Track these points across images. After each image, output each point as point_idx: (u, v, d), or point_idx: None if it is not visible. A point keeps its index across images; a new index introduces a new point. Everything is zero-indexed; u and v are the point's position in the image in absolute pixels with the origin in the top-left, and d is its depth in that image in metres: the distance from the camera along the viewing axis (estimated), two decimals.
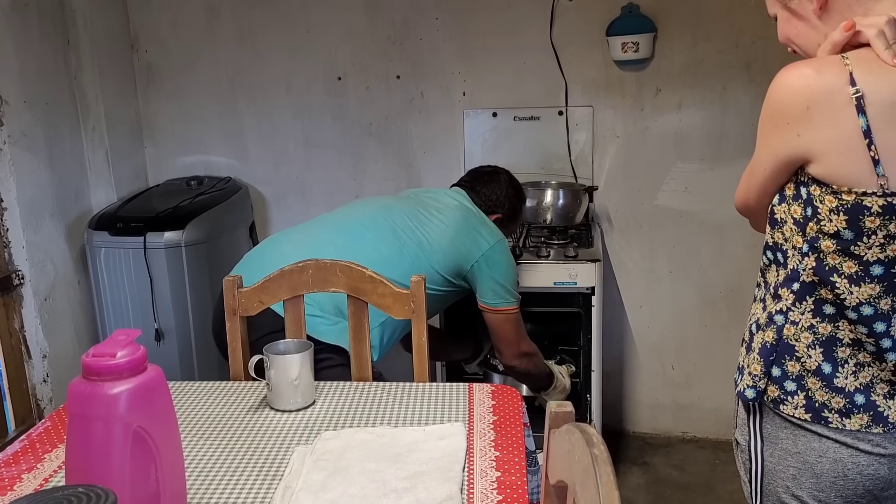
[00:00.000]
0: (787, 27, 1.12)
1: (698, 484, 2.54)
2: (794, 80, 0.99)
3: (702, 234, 2.66)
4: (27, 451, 1.19)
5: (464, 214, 1.94)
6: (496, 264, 1.91)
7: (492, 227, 1.97)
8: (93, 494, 0.67)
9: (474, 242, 1.90)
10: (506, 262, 1.95)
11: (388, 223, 1.86)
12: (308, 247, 1.71)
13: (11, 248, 2.32)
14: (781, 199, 1.06)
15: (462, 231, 1.90)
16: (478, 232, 1.91)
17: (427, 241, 1.86)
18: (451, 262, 1.87)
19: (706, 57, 2.52)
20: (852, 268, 1.00)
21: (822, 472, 1.07)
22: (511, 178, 2.13)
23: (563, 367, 2.26)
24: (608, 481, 0.75)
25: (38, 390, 2.41)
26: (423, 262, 1.82)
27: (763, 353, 1.10)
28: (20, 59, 2.32)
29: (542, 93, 2.63)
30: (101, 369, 0.84)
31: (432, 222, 1.90)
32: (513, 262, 1.99)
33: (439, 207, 1.95)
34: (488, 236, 1.92)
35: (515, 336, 1.96)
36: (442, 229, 1.89)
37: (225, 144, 2.86)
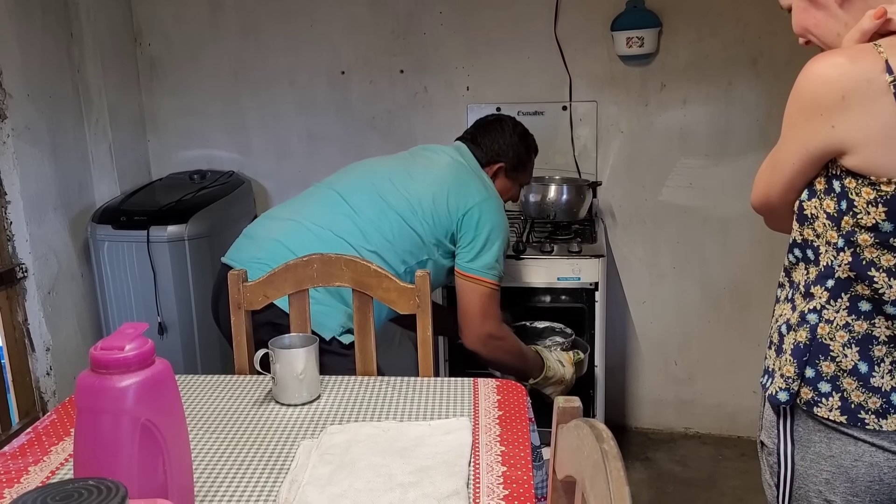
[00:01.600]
0: (803, 17, 1.09)
1: (701, 479, 2.55)
2: (827, 70, 0.96)
3: (706, 230, 2.65)
4: (33, 443, 1.19)
5: (453, 171, 1.81)
6: (482, 223, 1.75)
7: (486, 184, 1.82)
8: (103, 487, 0.67)
9: (461, 198, 1.75)
10: (494, 223, 1.76)
11: (372, 189, 1.76)
12: (291, 227, 1.74)
13: (15, 242, 2.32)
14: (811, 195, 1.04)
15: (450, 188, 1.76)
16: (467, 188, 1.77)
17: (412, 203, 1.74)
18: (440, 224, 1.75)
19: (711, 52, 2.51)
20: (891, 260, 0.98)
21: (857, 477, 1.05)
22: (516, 124, 1.98)
23: (567, 353, 2.05)
24: (618, 477, 0.75)
25: (41, 383, 2.41)
26: (406, 228, 1.72)
27: (796, 354, 1.07)
28: (24, 52, 2.31)
29: (546, 88, 2.62)
30: (109, 362, 0.84)
31: (417, 182, 1.77)
32: (504, 228, 1.80)
33: (428, 166, 1.82)
34: (477, 192, 1.77)
35: (482, 313, 1.75)
36: (426, 189, 1.75)
37: (228, 138, 2.85)
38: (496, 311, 1.78)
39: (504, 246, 1.80)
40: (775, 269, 2.89)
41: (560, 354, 2.02)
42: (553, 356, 1.98)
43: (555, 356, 1.99)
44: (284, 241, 1.70)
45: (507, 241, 1.83)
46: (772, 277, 2.82)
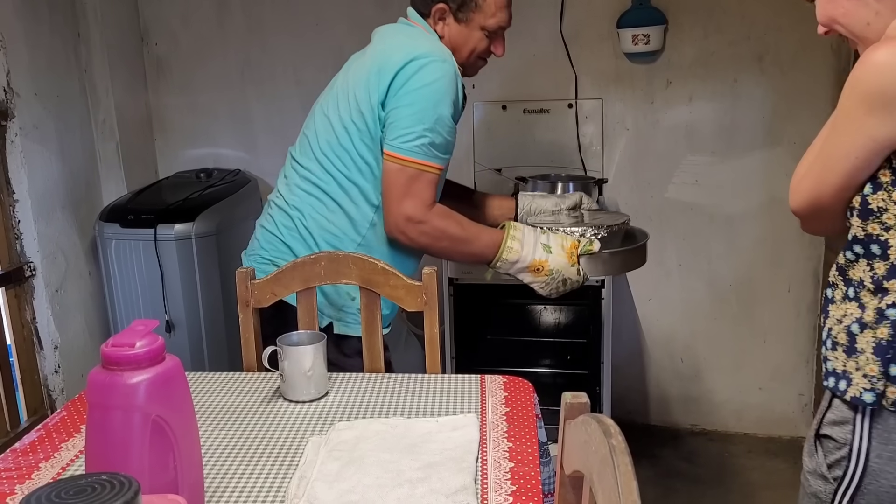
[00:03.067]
0: (830, 7, 1.07)
1: (708, 476, 2.55)
2: (893, 59, 0.95)
3: (712, 228, 2.65)
4: (44, 440, 1.20)
5: (381, 37, 1.57)
6: (413, 89, 1.44)
7: (425, 43, 1.50)
8: (116, 482, 0.68)
9: (388, 61, 1.47)
10: (422, 87, 1.44)
11: (318, 110, 1.61)
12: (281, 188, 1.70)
13: (23, 240, 2.33)
14: (876, 188, 1.01)
15: (378, 57, 1.50)
16: (398, 47, 1.49)
17: (345, 100, 1.53)
18: (373, 107, 1.48)
19: (717, 49, 2.51)
20: None
21: None
22: None
23: (571, 239, 1.57)
24: (626, 471, 0.75)
25: (49, 381, 2.43)
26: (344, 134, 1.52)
27: (879, 353, 1.03)
28: (31, 52, 2.33)
29: (552, 85, 2.62)
30: (120, 359, 0.85)
31: (352, 74, 1.55)
32: (439, 93, 1.45)
33: (364, 51, 1.60)
34: (412, 50, 1.46)
35: (401, 193, 1.47)
36: (359, 75, 1.52)
37: (234, 137, 2.86)
38: (424, 193, 1.48)
39: (439, 116, 1.46)
40: (781, 266, 2.91)
41: (557, 238, 1.57)
42: (540, 238, 1.55)
43: (547, 239, 1.55)
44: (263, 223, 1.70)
45: (446, 113, 1.47)
46: (778, 274, 2.84)
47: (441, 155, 1.51)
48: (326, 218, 1.59)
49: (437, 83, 1.45)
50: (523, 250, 1.53)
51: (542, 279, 1.55)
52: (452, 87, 1.48)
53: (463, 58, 1.56)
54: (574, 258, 1.55)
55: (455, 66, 1.51)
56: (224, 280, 2.47)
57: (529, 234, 1.56)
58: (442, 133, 1.49)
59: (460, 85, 1.52)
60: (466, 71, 1.59)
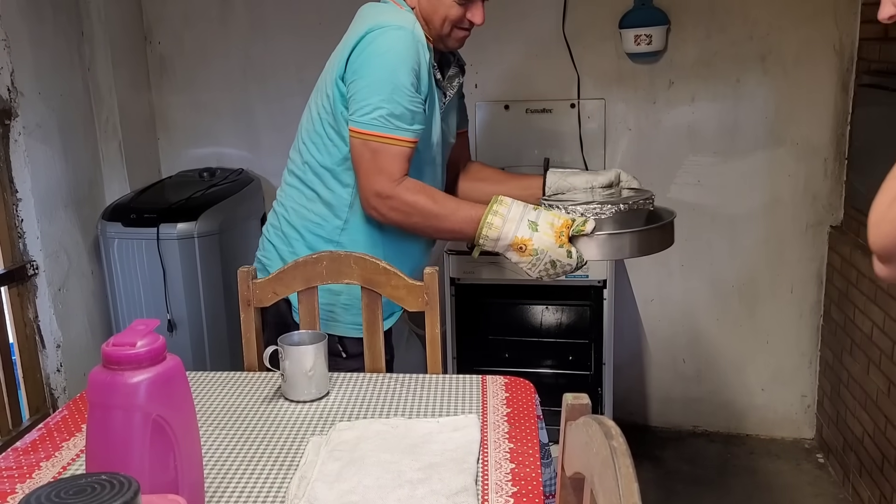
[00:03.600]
0: None
1: (709, 478, 2.54)
2: None
3: (714, 228, 2.64)
4: (45, 439, 1.20)
5: (356, 18, 1.53)
6: (367, 59, 1.39)
7: (386, 15, 1.45)
8: (116, 482, 0.68)
9: (349, 38, 1.45)
10: (380, 56, 1.39)
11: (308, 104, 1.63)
12: None
13: (26, 239, 2.34)
14: None
15: (345, 38, 1.49)
16: (361, 23, 1.46)
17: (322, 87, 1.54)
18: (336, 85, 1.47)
19: (720, 49, 2.50)
20: None
21: None
22: None
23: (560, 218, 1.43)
24: (627, 473, 0.75)
25: (51, 380, 2.43)
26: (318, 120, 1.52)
27: None
28: (35, 51, 2.33)
29: (555, 85, 2.62)
30: (121, 358, 0.85)
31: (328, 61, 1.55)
32: (397, 61, 1.39)
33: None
34: (372, 22, 1.43)
35: (369, 169, 1.43)
36: (331, 60, 1.53)
37: (237, 136, 2.86)
38: (391, 167, 1.43)
39: (396, 85, 1.39)
40: (784, 267, 2.90)
41: (548, 215, 1.43)
42: (528, 214, 1.42)
43: (536, 216, 1.42)
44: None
45: (404, 81, 1.40)
46: (781, 275, 2.84)
47: (405, 126, 1.42)
48: (306, 207, 1.59)
49: (390, 52, 1.40)
50: (505, 227, 1.41)
51: (528, 259, 1.41)
52: (409, 55, 1.40)
53: (437, 27, 1.47)
54: (563, 238, 1.40)
55: (415, 33, 1.43)
56: (226, 279, 2.47)
57: (516, 209, 1.42)
58: (401, 103, 1.41)
59: (423, 52, 1.44)
60: (447, 42, 1.51)
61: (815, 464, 2.61)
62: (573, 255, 1.43)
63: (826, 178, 2.54)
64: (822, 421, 2.67)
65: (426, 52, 1.46)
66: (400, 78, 1.40)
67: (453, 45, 1.53)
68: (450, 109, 1.64)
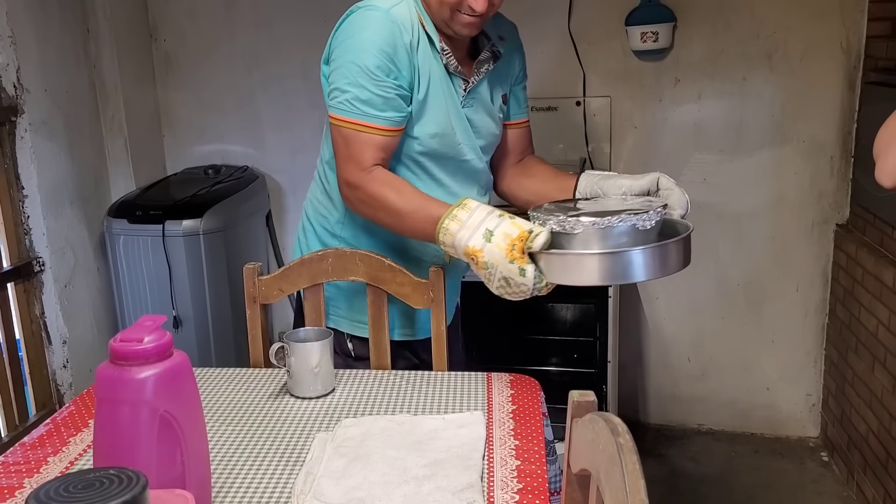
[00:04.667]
0: None
1: (714, 476, 2.54)
2: None
3: (720, 226, 2.64)
4: (52, 434, 1.20)
5: None
6: (339, 41, 1.36)
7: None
8: (124, 477, 0.68)
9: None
10: (349, 40, 1.34)
11: None
12: None
13: (32, 235, 2.34)
14: None
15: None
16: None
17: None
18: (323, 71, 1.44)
19: (726, 47, 2.50)
20: None
21: None
22: None
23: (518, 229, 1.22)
24: (634, 470, 0.75)
25: (58, 376, 2.44)
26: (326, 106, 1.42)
27: None
28: (41, 47, 2.33)
29: (560, 83, 2.61)
30: (128, 354, 0.85)
31: None
32: (368, 45, 1.32)
33: None
34: (351, 8, 1.38)
35: (341, 155, 1.37)
36: None
37: (242, 133, 2.87)
38: (361, 155, 1.35)
39: (360, 67, 1.32)
40: (789, 266, 2.89)
41: (508, 225, 1.22)
42: (488, 222, 1.24)
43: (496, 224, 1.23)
44: None
45: (369, 64, 1.32)
46: (786, 274, 2.83)
47: (375, 112, 1.33)
48: (318, 199, 1.57)
49: (359, 33, 1.34)
50: (459, 233, 1.25)
51: (482, 273, 1.25)
52: (380, 36, 1.32)
53: (436, 11, 1.37)
54: (515, 253, 1.20)
55: (391, 13, 1.34)
56: (231, 276, 2.48)
57: (479, 214, 1.25)
58: (366, 87, 1.32)
59: (403, 34, 1.34)
60: (453, 27, 1.38)
61: (819, 462, 2.60)
62: (527, 274, 1.21)
63: (832, 176, 2.53)
64: (826, 419, 2.66)
65: (409, 34, 1.35)
66: (365, 60, 1.32)
67: (462, 32, 1.38)
68: (481, 99, 1.47)
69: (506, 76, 1.54)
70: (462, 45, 1.46)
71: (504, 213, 1.25)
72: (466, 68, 1.45)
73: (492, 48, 1.46)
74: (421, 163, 1.45)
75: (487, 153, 1.54)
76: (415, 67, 1.37)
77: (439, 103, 1.41)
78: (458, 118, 1.44)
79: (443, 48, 1.40)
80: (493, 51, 1.46)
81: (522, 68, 1.60)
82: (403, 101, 1.36)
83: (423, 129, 1.41)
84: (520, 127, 1.63)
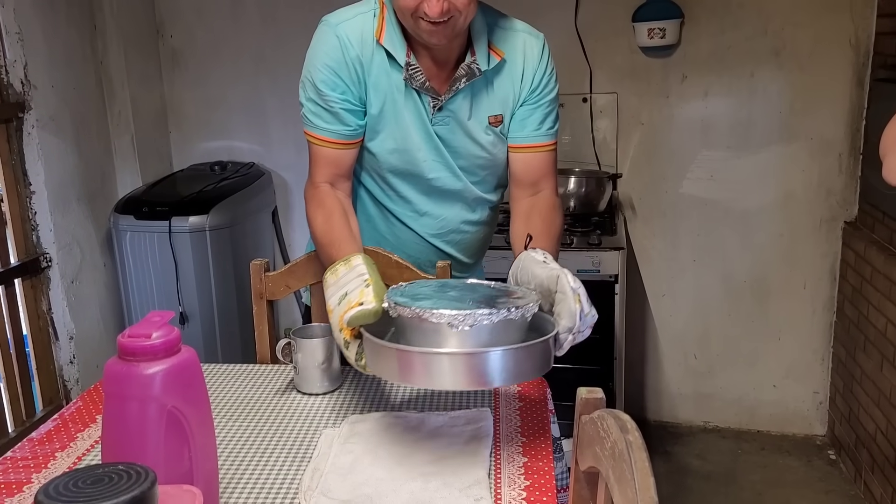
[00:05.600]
0: None
1: (720, 473, 2.54)
2: None
3: (727, 223, 2.63)
4: (60, 429, 1.21)
5: None
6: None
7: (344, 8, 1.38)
8: (133, 472, 0.68)
9: None
10: (308, 54, 1.37)
11: None
12: None
13: (39, 231, 2.35)
14: None
15: None
16: None
17: None
18: None
19: (734, 44, 2.48)
20: None
21: None
22: None
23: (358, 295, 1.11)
24: (643, 468, 0.75)
25: (64, 371, 2.45)
26: None
27: None
28: (48, 44, 2.34)
29: (566, 79, 2.57)
30: (136, 350, 0.85)
31: None
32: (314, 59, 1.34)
33: None
34: None
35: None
36: None
37: (248, 130, 2.87)
38: (312, 167, 1.38)
39: (305, 80, 1.37)
40: (797, 263, 2.88)
41: (360, 292, 1.12)
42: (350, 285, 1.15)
43: (355, 287, 1.14)
44: None
45: (314, 77, 1.34)
46: (794, 271, 2.82)
47: (323, 125, 1.35)
48: None
49: (311, 48, 1.37)
50: (330, 288, 1.18)
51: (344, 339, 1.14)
52: (324, 50, 1.33)
53: (402, 19, 1.30)
54: (343, 324, 1.10)
55: (339, 28, 1.33)
56: (237, 272, 2.48)
57: (350, 275, 1.16)
58: (315, 100, 1.35)
59: (349, 48, 1.32)
60: (421, 36, 1.29)
61: (826, 460, 2.60)
62: (350, 349, 1.12)
63: (840, 173, 2.52)
64: (834, 418, 2.65)
65: (357, 49, 1.32)
66: (313, 75, 1.34)
67: (430, 40, 1.28)
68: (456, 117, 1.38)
69: (498, 95, 1.38)
70: (444, 59, 1.35)
71: (370, 280, 1.13)
72: (442, 84, 1.36)
73: (470, 65, 1.33)
74: (387, 179, 1.43)
75: (472, 173, 1.44)
76: (361, 82, 1.34)
77: (399, 119, 1.36)
78: (425, 135, 1.37)
79: (409, 63, 1.32)
80: (470, 67, 1.33)
81: (533, 87, 1.40)
82: (352, 115, 1.34)
83: (380, 145, 1.38)
84: (522, 151, 1.42)
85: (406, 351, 1.01)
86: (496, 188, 1.51)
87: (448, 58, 1.35)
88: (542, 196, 1.43)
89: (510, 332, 1.04)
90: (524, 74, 1.40)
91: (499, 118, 1.40)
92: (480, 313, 1.00)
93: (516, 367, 1.02)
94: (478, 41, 1.35)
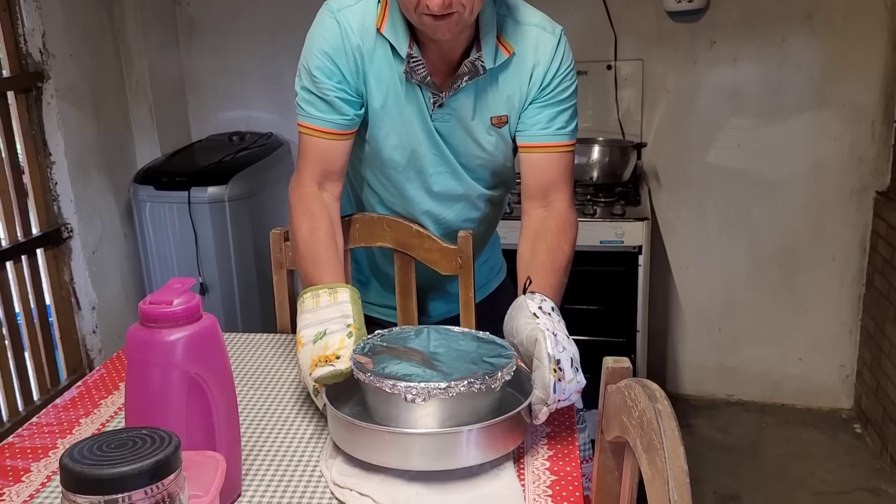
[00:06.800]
0: None
1: (743, 447, 2.52)
2: None
3: (754, 194, 2.58)
4: (84, 396, 1.21)
5: None
6: None
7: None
8: (157, 437, 0.67)
9: None
10: (307, 39, 1.32)
11: None
12: None
13: (60, 202, 2.36)
14: None
15: None
16: None
17: None
18: None
19: (764, 7, 2.41)
20: None
21: None
22: None
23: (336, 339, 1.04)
24: (673, 436, 0.73)
25: (87, 341, 2.47)
26: None
27: None
28: (66, 12, 2.32)
29: (590, 46, 2.54)
30: (158, 316, 0.84)
31: None
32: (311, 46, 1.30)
33: None
34: None
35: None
36: None
37: (266, 99, 2.85)
38: (300, 162, 1.33)
39: (301, 67, 1.32)
40: (826, 234, 2.82)
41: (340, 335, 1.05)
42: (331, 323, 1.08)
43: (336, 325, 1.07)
44: None
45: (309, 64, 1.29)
46: (822, 242, 2.76)
47: (317, 114, 1.28)
48: None
49: (310, 33, 1.32)
50: (306, 313, 1.11)
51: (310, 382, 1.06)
52: (322, 36, 1.28)
53: (405, 12, 1.22)
54: (314, 368, 1.03)
55: (340, 14, 1.28)
56: (256, 243, 2.48)
57: (332, 312, 1.10)
58: (310, 89, 1.29)
59: (350, 35, 1.27)
60: (425, 30, 1.21)
61: (852, 434, 2.56)
62: (319, 397, 1.05)
63: (873, 141, 2.45)
64: (860, 391, 2.61)
65: (358, 37, 1.27)
66: (309, 61, 1.29)
67: (435, 34, 1.20)
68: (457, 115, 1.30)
69: (504, 94, 1.30)
70: (449, 53, 1.26)
71: (353, 328, 1.06)
72: (445, 79, 1.28)
73: (474, 62, 1.24)
74: (388, 175, 1.37)
75: (476, 174, 1.38)
76: (360, 72, 1.27)
77: (402, 113, 1.30)
78: (426, 131, 1.31)
79: (410, 55, 1.24)
80: (474, 64, 1.25)
81: (543, 86, 1.31)
82: (348, 105, 1.28)
83: (384, 140, 1.32)
84: (528, 151, 1.32)
85: (356, 425, 0.93)
86: (498, 185, 1.44)
87: (453, 52, 1.26)
88: (554, 212, 1.30)
89: (477, 401, 0.93)
90: (533, 72, 1.30)
91: (503, 119, 1.31)
92: (434, 387, 0.91)
93: (478, 447, 0.92)
94: (485, 36, 1.25)
